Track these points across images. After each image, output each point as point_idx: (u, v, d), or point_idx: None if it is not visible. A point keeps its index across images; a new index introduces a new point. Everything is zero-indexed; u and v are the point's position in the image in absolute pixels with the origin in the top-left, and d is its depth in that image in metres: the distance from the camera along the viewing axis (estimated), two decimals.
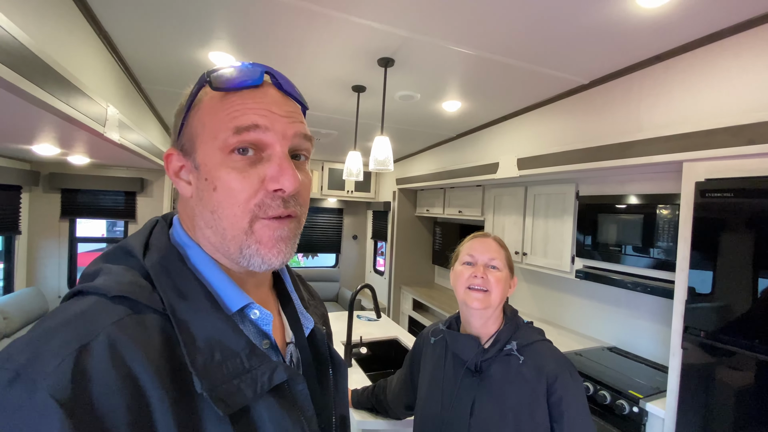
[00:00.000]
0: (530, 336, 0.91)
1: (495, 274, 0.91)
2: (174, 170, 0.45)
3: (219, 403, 0.36)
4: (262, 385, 0.40)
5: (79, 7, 1.39)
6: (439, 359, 0.98)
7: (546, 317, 2.92)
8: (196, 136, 0.42)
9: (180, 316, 0.38)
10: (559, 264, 2.41)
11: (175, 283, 0.40)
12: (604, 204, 2.11)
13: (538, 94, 2.16)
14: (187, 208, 0.46)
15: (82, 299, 0.37)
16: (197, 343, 0.38)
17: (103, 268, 0.41)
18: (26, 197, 3.11)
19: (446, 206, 3.72)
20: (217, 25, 1.54)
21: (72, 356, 0.31)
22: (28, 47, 1.03)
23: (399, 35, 1.54)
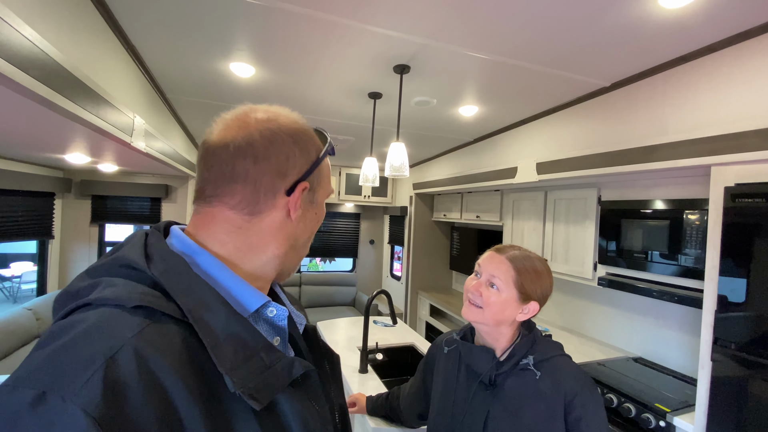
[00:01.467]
0: (548, 350, 0.89)
1: (491, 294, 0.87)
2: (297, 197, 0.50)
3: (252, 399, 0.38)
4: (283, 380, 0.43)
5: (107, 23, 1.46)
6: (453, 370, 0.97)
7: (568, 325, 2.84)
8: (320, 181, 0.53)
9: (202, 321, 0.40)
10: (580, 271, 2.34)
11: (190, 290, 0.42)
12: (628, 209, 2.05)
13: (558, 97, 2.13)
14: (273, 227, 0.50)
15: (91, 312, 0.37)
16: (221, 344, 0.40)
17: (103, 281, 0.41)
18: (59, 203, 3.26)
19: (464, 211, 3.68)
20: (237, 36, 1.58)
21: (101, 370, 0.31)
22: (61, 63, 1.08)
23: (415, 42, 1.55)
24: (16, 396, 0.30)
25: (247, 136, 0.47)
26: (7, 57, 0.85)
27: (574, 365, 0.87)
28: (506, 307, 0.87)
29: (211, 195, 0.48)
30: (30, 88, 0.95)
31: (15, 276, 7.51)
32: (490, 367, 0.88)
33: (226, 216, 0.48)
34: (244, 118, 0.49)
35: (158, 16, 1.44)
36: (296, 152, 0.50)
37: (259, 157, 0.47)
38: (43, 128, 1.54)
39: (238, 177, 0.47)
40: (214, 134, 0.49)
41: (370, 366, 1.80)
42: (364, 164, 2.14)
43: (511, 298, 0.87)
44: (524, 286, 0.87)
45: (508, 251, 0.91)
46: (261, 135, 0.48)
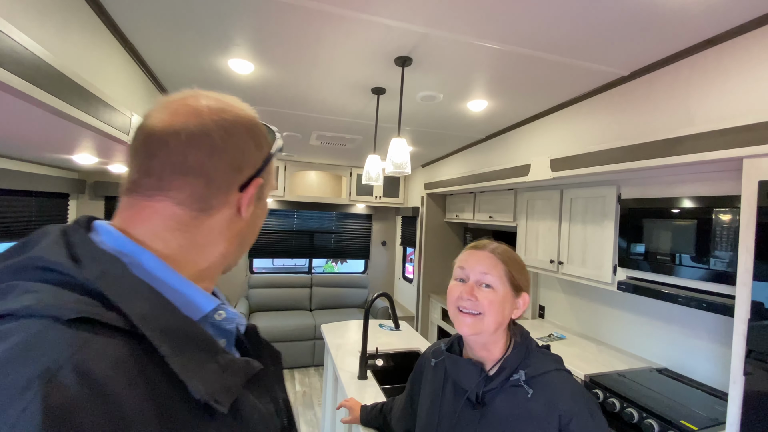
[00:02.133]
0: (543, 365, 0.78)
1: (487, 295, 0.78)
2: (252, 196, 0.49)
3: (216, 404, 0.37)
4: (240, 380, 0.42)
5: (104, 22, 1.44)
6: (439, 385, 0.87)
7: (586, 332, 2.69)
8: (268, 177, 0.51)
9: (153, 329, 0.36)
10: (598, 274, 2.20)
11: (135, 295, 0.37)
12: (651, 208, 1.90)
13: (573, 89, 2.00)
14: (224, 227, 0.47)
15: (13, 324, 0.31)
16: (178, 352, 0.37)
17: (16, 287, 0.34)
18: (74, 204, 3.33)
19: (476, 211, 3.56)
20: (234, 32, 1.54)
21: (39, 396, 0.27)
22: (47, 61, 1.06)
23: (415, 32, 1.47)
24: None
25: (200, 124, 0.44)
26: None
27: (573, 382, 0.77)
28: (505, 306, 0.79)
29: (153, 187, 0.43)
30: (7, 83, 0.93)
31: None
32: (478, 383, 0.78)
33: (172, 212, 0.43)
34: (194, 104, 0.45)
35: (154, 12, 1.41)
36: (252, 146, 0.48)
37: (216, 149, 0.44)
38: (39, 129, 1.54)
39: (190, 169, 0.43)
40: (156, 119, 0.44)
41: (370, 372, 1.72)
42: (366, 162, 2.07)
43: (507, 294, 0.80)
44: (515, 277, 0.81)
45: (487, 245, 0.84)
46: (217, 125, 0.45)
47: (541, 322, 3.03)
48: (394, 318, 1.80)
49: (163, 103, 0.46)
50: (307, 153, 3.98)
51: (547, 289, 3.11)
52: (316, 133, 3.08)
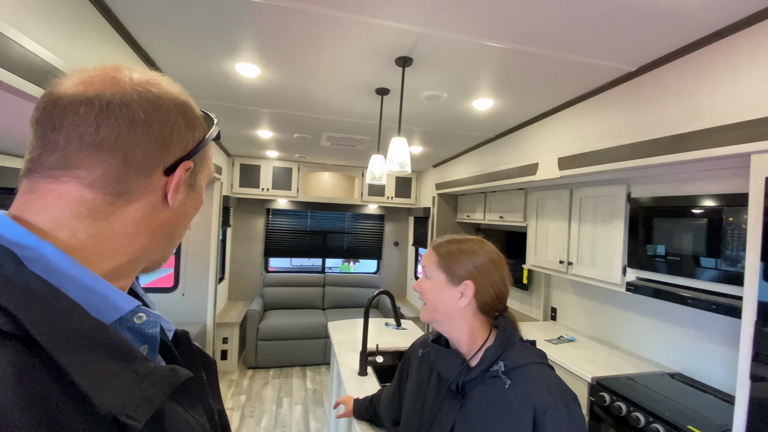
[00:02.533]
0: (523, 357, 0.78)
1: (425, 284, 0.86)
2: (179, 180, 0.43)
3: (128, 419, 0.32)
4: (162, 391, 0.36)
5: (115, 29, 1.52)
6: (425, 375, 0.90)
7: (598, 335, 2.62)
8: (202, 164, 0.48)
9: (53, 336, 0.31)
10: (608, 275, 2.15)
11: (29, 294, 0.32)
12: (660, 207, 1.85)
13: (579, 86, 1.97)
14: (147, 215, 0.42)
15: None
16: (82, 362, 0.31)
17: None
18: None
19: (487, 212, 3.53)
20: (239, 35, 1.59)
21: None
22: (57, 66, 1.13)
23: (411, 32, 1.48)
24: None
25: (120, 93, 0.38)
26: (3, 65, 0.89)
27: (551, 375, 0.76)
28: (441, 293, 0.84)
29: (57, 166, 0.37)
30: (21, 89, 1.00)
31: None
32: (458, 373, 0.80)
33: (80, 195, 0.37)
34: (115, 74, 0.40)
35: (164, 19, 1.48)
36: (182, 125, 0.42)
37: (137, 122, 0.38)
38: None
39: (103, 143, 0.37)
40: (65, 86, 0.38)
41: (371, 369, 1.74)
42: (370, 162, 2.10)
43: (440, 281, 0.84)
44: (449, 266, 0.84)
45: (435, 242, 0.91)
46: (140, 96, 0.39)
47: (552, 324, 2.97)
48: (396, 316, 1.82)
49: (78, 72, 0.39)
50: (318, 154, 4.04)
51: (559, 290, 3.05)
52: (325, 135, 3.13)
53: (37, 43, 1.04)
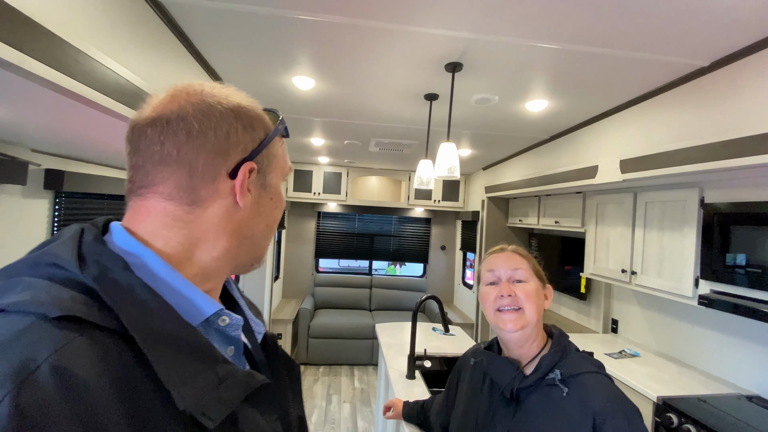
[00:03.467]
0: (580, 365, 0.77)
1: (523, 288, 0.81)
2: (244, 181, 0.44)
3: (203, 417, 0.34)
4: (239, 394, 0.39)
5: (191, 53, 1.68)
6: (477, 383, 0.90)
7: (665, 351, 2.42)
8: (271, 162, 0.48)
9: (144, 332, 0.34)
10: (677, 287, 1.98)
11: (131, 297, 0.36)
12: (740, 213, 1.68)
13: (644, 84, 1.84)
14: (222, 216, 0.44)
15: (3, 320, 0.31)
16: (169, 358, 0.35)
17: (21, 282, 0.35)
18: None
19: (541, 216, 3.40)
20: (296, 51, 1.70)
21: (11, 396, 0.26)
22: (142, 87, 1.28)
23: (461, 38, 1.49)
24: None
25: (178, 109, 0.41)
26: (92, 85, 1.04)
27: (611, 386, 0.74)
28: (539, 296, 0.83)
29: (141, 184, 0.42)
30: (113, 109, 1.15)
31: None
32: (512, 379, 0.80)
33: (163, 208, 0.41)
34: (175, 92, 0.43)
35: (231, 43, 1.62)
36: (239, 128, 0.44)
37: (193, 133, 0.41)
38: None
39: (169, 158, 0.40)
40: (141, 112, 0.43)
41: (419, 373, 1.75)
42: (419, 167, 2.12)
43: (537, 285, 0.84)
44: (537, 269, 0.86)
45: (506, 247, 0.89)
46: (194, 108, 0.42)
47: (613, 337, 2.79)
48: (444, 322, 1.82)
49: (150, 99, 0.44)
50: (367, 159, 4.14)
51: (621, 301, 2.86)
52: (374, 140, 3.20)
53: (126, 69, 1.19)
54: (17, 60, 0.78)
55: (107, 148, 1.92)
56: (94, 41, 1.05)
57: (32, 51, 0.82)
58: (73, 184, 2.19)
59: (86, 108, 1.14)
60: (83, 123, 1.47)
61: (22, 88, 1.01)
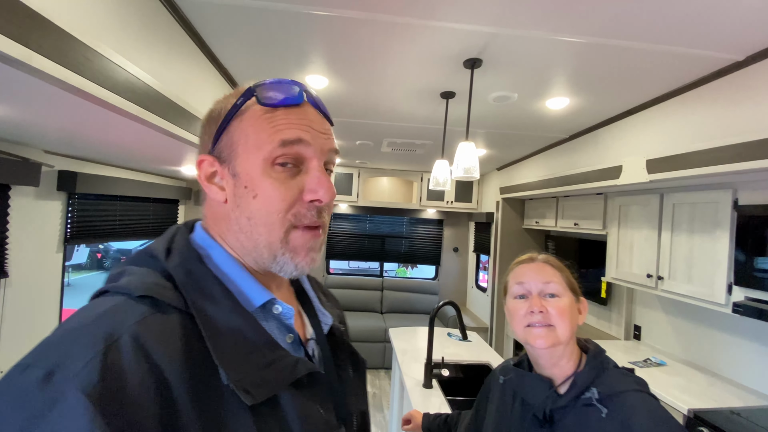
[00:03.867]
0: (620, 383, 0.70)
1: (556, 304, 0.75)
2: (206, 175, 0.47)
3: (244, 393, 0.38)
4: (284, 378, 0.42)
5: (202, 51, 1.65)
6: (507, 402, 0.83)
7: (692, 359, 2.31)
8: (237, 146, 0.45)
9: (203, 313, 0.40)
10: (709, 293, 1.88)
11: (197, 283, 0.42)
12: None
13: (673, 80, 1.75)
14: (216, 211, 0.48)
15: (107, 299, 0.39)
16: (221, 337, 0.40)
17: (126, 270, 0.43)
18: (182, 209, 3.85)
19: (559, 218, 3.30)
20: (309, 49, 1.65)
21: (100, 354, 0.33)
22: (155, 87, 1.25)
23: (483, 32, 1.42)
24: (27, 375, 0.32)
25: None
26: (102, 84, 1.00)
27: (656, 406, 0.67)
28: (573, 314, 0.76)
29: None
30: (124, 109, 1.11)
31: None
32: (545, 399, 0.73)
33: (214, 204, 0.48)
34: None
35: (243, 40, 1.58)
36: (204, 130, 0.49)
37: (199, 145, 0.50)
38: (154, 145, 1.82)
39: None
40: None
41: (435, 381, 1.69)
42: (434, 167, 2.05)
43: (572, 301, 0.77)
44: (571, 282, 0.79)
45: (537, 257, 0.82)
46: None
47: (636, 344, 2.68)
48: (461, 328, 1.75)
49: None
50: (378, 160, 4.08)
51: (643, 307, 2.75)
52: (387, 140, 3.15)
53: (138, 67, 1.15)
54: (23, 56, 0.74)
55: (120, 148, 1.90)
56: (104, 38, 1.01)
57: (39, 47, 0.78)
58: (86, 185, 2.18)
59: (98, 108, 1.11)
60: (96, 123, 1.44)
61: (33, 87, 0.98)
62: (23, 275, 1.92)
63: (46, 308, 2.15)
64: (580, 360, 0.77)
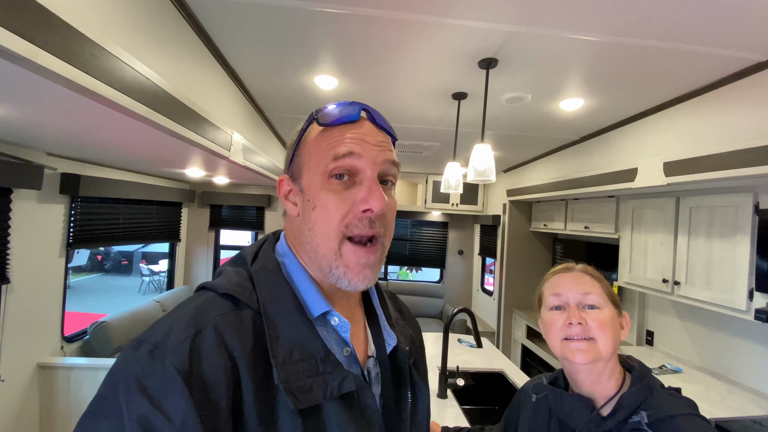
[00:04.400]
0: (671, 406, 0.65)
1: (596, 316, 0.70)
2: (284, 193, 0.53)
3: (291, 396, 0.41)
4: (331, 390, 0.44)
5: (209, 50, 1.60)
6: (543, 423, 0.78)
7: (710, 367, 2.26)
8: (303, 164, 0.50)
9: (270, 315, 0.45)
10: (729, 299, 1.83)
11: (270, 287, 0.48)
12: None
13: (693, 80, 1.70)
14: (292, 225, 0.53)
15: (203, 294, 0.47)
16: (280, 340, 0.44)
17: (223, 270, 0.51)
18: (185, 212, 3.81)
19: (569, 221, 3.25)
20: (319, 49, 1.60)
21: (190, 338, 0.40)
22: (164, 88, 1.20)
23: (501, 31, 1.37)
24: (140, 348, 0.40)
25: None
26: (110, 83, 0.95)
27: (708, 429, 0.62)
28: (615, 328, 0.71)
29: None
30: (132, 110, 1.06)
31: (162, 271, 9.12)
32: (588, 422, 0.68)
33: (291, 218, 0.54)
34: None
35: (250, 38, 1.53)
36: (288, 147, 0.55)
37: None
38: (159, 146, 1.77)
39: None
40: None
41: (450, 391, 1.64)
42: (446, 170, 2.00)
43: (614, 314, 0.72)
44: (612, 294, 0.73)
45: (574, 267, 0.77)
46: None
47: (648, 350, 2.63)
48: (476, 336, 1.69)
49: None
50: None
51: (656, 311, 2.69)
52: None
53: (147, 66, 1.10)
54: (28, 53, 0.70)
55: (125, 150, 1.86)
56: (112, 35, 0.96)
57: (45, 43, 0.73)
58: (89, 188, 2.14)
59: (104, 108, 1.06)
60: (101, 124, 1.39)
61: (36, 85, 0.93)
62: (25, 281, 1.87)
63: (47, 313, 2.10)
64: (623, 379, 0.72)
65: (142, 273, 9.25)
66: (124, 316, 2.55)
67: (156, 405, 0.37)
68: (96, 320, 2.41)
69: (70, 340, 2.34)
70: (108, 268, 10.89)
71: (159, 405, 0.37)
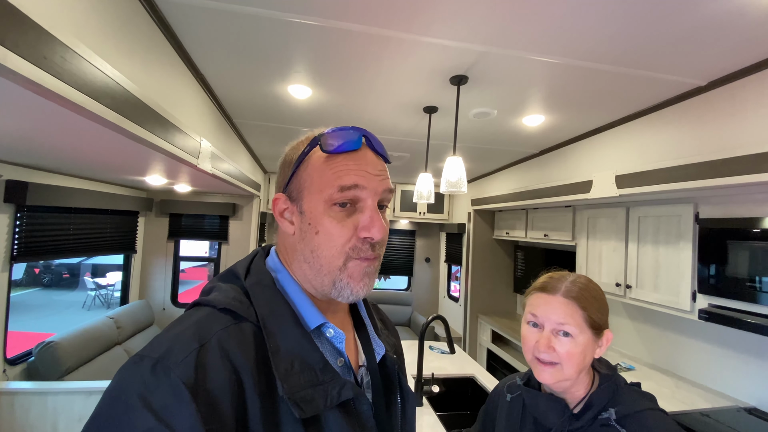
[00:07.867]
0: (636, 402, 0.71)
1: (567, 345, 0.72)
2: (280, 211, 0.54)
3: (295, 407, 0.43)
4: (331, 399, 0.46)
5: (179, 56, 1.55)
6: (516, 422, 0.82)
7: (659, 364, 2.45)
8: (303, 188, 0.51)
9: (269, 328, 0.47)
10: (675, 301, 2.00)
11: (267, 301, 0.49)
12: (735, 229, 1.72)
13: (641, 101, 1.88)
14: (286, 241, 0.54)
15: (200, 309, 0.48)
16: (281, 352, 0.46)
17: (216, 286, 0.51)
18: (142, 221, 3.59)
19: (529, 229, 3.42)
20: (294, 59, 1.60)
21: (195, 352, 0.41)
22: (131, 92, 1.15)
23: (473, 50, 1.45)
24: (142, 362, 0.40)
25: None
26: (80, 88, 0.90)
27: (669, 421, 0.69)
28: (586, 353, 0.73)
29: None
30: (101, 116, 1.01)
31: (110, 284, 8.47)
32: (562, 421, 0.72)
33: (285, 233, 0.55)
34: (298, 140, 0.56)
35: (223, 45, 1.50)
36: (281, 171, 0.55)
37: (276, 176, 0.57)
38: (123, 153, 1.68)
39: None
40: None
41: (425, 398, 1.66)
42: (418, 180, 2.05)
43: (588, 340, 0.73)
44: (594, 320, 0.73)
45: (559, 287, 0.76)
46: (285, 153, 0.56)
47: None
48: (449, 342, 1.74)
49: None
50: None
51: (610, 314, 2.88)
52: None
53: (117, 71, 1.06)
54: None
55: (83, 157, 1.74)
56: (83, 38, 0.92)
57: (15, 46, 0.69)
58: (37, 196, 1.97)
59: (65, 111, 0.99)
60: (59, 129, 1.30)
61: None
62: None
63: None
64: (592, 380, 0.77)
65: (88, 287, 8.55)
66: (74, 335, 2.34)
67: (161, 420, 0.37)
68: (41, 340, 2.21)
69: (13, 363, 2.12)
70: (47, 282, 9.98)
71: (165, 420, 0.37)
